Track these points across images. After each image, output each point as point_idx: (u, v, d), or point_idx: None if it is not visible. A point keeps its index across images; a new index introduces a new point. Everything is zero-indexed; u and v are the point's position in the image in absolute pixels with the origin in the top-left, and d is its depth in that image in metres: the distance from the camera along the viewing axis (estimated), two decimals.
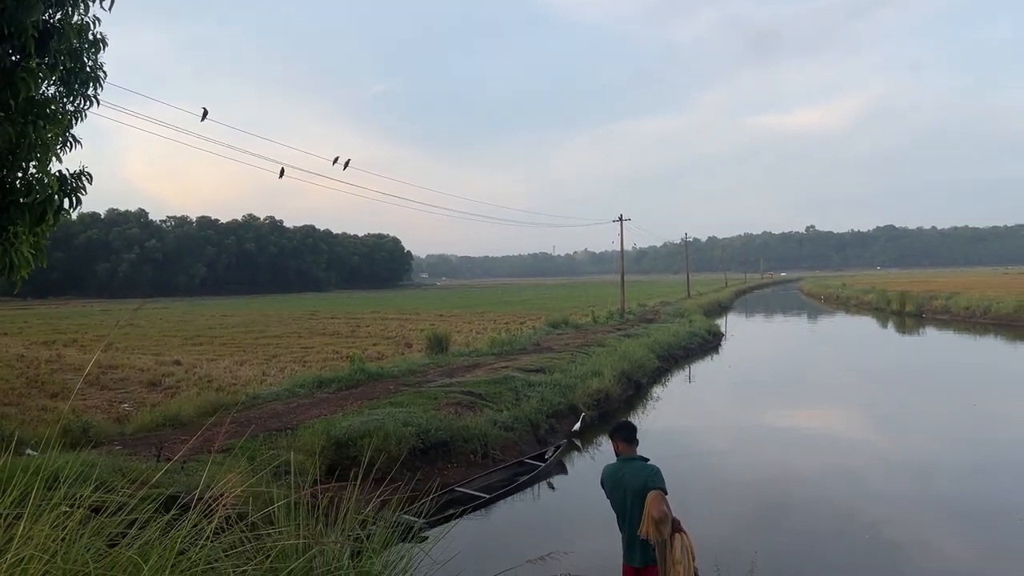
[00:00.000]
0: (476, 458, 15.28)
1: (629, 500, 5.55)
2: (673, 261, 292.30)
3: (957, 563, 10.10)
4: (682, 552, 5.22)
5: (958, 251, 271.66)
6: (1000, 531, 11.11)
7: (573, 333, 35.32)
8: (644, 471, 5.46)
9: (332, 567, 4.23)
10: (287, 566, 4.04)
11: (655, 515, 5.23)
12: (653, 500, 5.28)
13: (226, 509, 3.91)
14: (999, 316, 45.99)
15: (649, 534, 5.30)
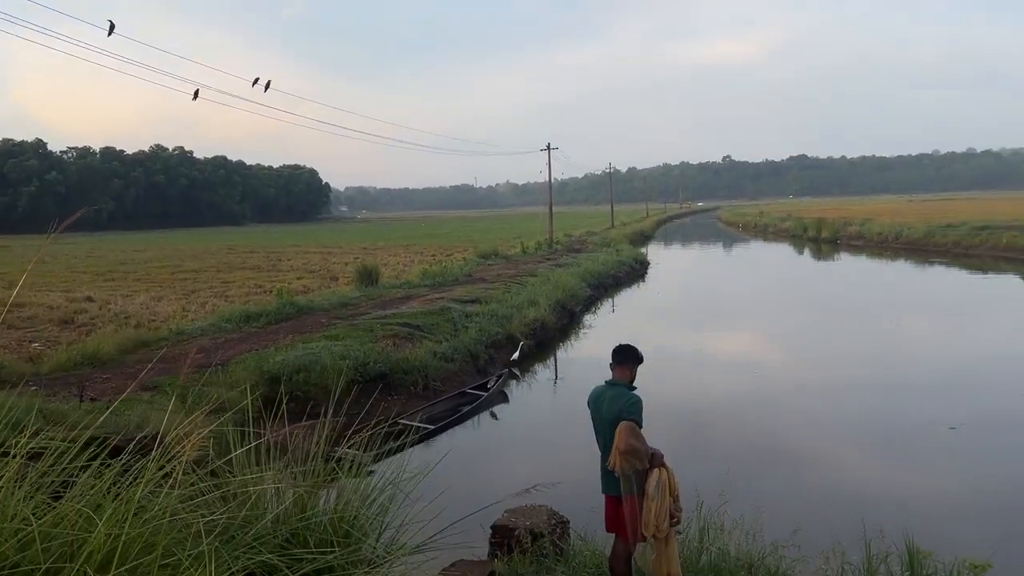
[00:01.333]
0: (417, 390, 14.94)
1: (603, 429, 5.27)
2: (594, 192, 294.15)
3: (866, 470, 10.40)
4: (656, 488, 4.97)
5: (866, 180, 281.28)
6: (908, 439, 11.50)
7: (504, 264, 35.03)
8: (621, 400, 5.15)
9: (309, 511, 3.81)
10: (257, 513, 3.61)
11: (621, 447, 4.96)
12: (621, 432, 5.00)
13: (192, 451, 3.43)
14: (910, 241, 47.89)
15: (616, 466, 5.03)
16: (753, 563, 5.50)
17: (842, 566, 5.65)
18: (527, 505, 6.74)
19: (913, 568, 5.37)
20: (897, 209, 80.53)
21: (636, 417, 5.05)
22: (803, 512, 8.10)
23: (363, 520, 4.09)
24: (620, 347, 5.44)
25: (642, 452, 5.02)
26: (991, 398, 13.97)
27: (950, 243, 44.18)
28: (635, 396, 5.17)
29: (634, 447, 4.96)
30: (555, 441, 12.90)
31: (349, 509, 4.06)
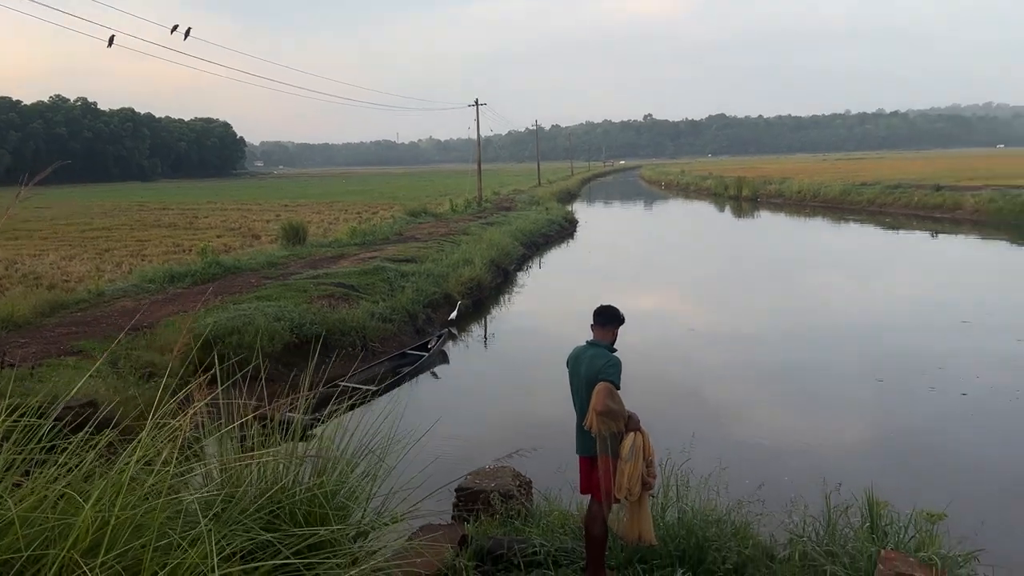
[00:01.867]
0: (356, 351, 14.65)
1: (579, 389, 5.21)
2: (518, 149, 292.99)
3: (804, 423, 10.79)
4: (630, 452, 4.95)
5: (782, 139, 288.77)
6: (843, 392, 11.98)
7: (434, 222, 34.62)
8: (599, 360, 5.08)
9: (294, 484, 3.63)
10: (246, 489, 3.41)
11: (597, 408, 4.91)
12: (598, 393, 4.95)
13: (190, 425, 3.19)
14: (827, 199, 49.47)
15: (592, 426, 5.00)
16: (720, 519, 5.57)
17: (804, 519, 5.78)
18: (490, 467, 6.69)
19: (873, 519, 5.54)
20: (813, 168, 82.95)
21: (614, 378, 4.98)
22: (762, 468, 8.31)
23: (350, 490, 3.94)
24: (602, 308, 5.35)
25: (619, 414, 4.97)
26: (911, 348, 14.59)
27: (865, 201, 45.83)
28: (614, 358, 5.11)
29: (611, 408, 4.91)
30: (499, 400, 12.92)
31: (331, 480, 3.89)
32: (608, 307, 5.34)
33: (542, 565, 5.29)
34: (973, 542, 5.48)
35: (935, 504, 5.78)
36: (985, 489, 8.44)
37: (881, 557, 5.15)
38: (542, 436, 10.57)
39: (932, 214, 39.85)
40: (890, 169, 69.43)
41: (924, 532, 5.37)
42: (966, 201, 38.56)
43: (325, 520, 3.53)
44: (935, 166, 72.69)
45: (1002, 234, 32.60)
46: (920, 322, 17.14)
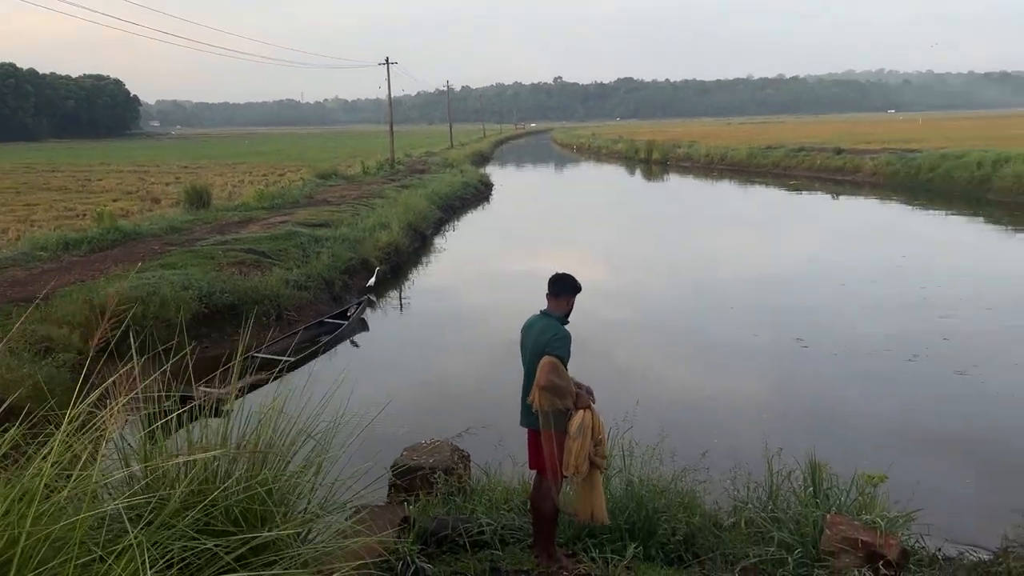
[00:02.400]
0: (270, 321, 14.05)
1: (527, 360, 4.97)
2: (428, 111, 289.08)
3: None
4: (578, 430, 4.76)
5: (688, 103, 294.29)
6: (768, 354, 12.24)
7: (345, 185, 33.63)
8: (547, 333, 4.84)
9: (228, 479, 3.26)
10: (173, 491, 3.03)
11: (540, 383, 4.69)
12: (542, 367, 4.73)
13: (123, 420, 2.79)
14: (734, 162, 50.63)
15: (535, 402, 4.78)
16: (667, 488, 5.49)
17: (748, 485, 5.77)
18: (427, 442, 6.43)
19: (815, 483, 5.56)
20: (719, 132, 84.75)
21: (560, 352, 4.75)
22: (703, 434, 8.31)
23: (289, 481, 3.59)
24: (556, 276, 5.09)
25: (564, 390, 4.75)
26: (821, 306, 15.01)
27: (770, 164, 47.10)
28: (563, 330, 4.86)
29: (555, 384, 4.69)
30: (423, 369, 12.60)
31: (269, 471, 3.53)
32: (562, 275, 5.08)
33: (489, 545, 5.09)
34: (911, 503, 5.58)
35: (863, 463, 5.89)
36: (915, 449, 8.70)
37: (827, 521, 5.17)
38: (473, 406, 10.39)
39: (834, 176, 41.27)
40: (792, 133, 71.52)
41: (866, 495, 5.42)
42: (865, 164, 40.08)
43: (266, 518, 3.20)
44: (834, 130, 75.37)
45: (898, 195, 34.07)
46: (829, 284, 17.62)
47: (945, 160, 35.48)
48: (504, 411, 9.94)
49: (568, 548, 5.13)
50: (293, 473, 3.60)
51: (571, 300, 5.03)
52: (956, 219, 27.60)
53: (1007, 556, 5.07)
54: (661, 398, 9.87)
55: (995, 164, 32.12)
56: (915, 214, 29.70)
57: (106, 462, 2.95)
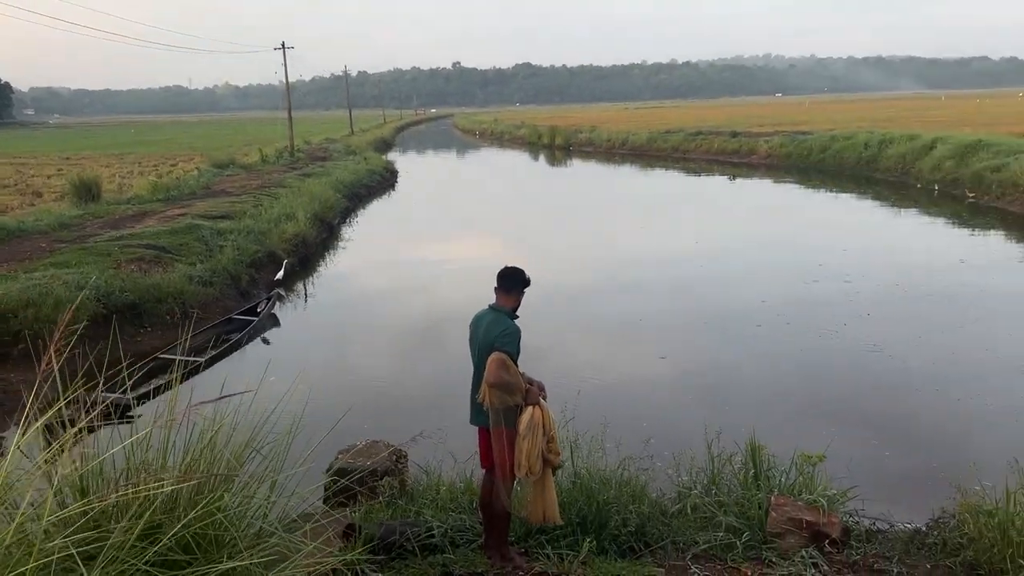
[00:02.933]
0: (175, 319, 13.36)
1: (476, 356, 4.81)
2: (324, 97, 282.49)
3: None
4: (528, 427, 4.64)
5: (585, 88, 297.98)
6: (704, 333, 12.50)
7: (245, 174, 32.38)
8: (496, 328, 4.69)
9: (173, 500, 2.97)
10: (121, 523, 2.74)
11: (490, 380, 4.56)
12: (491, 364, 4.59)
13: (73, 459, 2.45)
14: (635, 147, 51.53)
15: (485, 400, 4.64)
16: (615, 479, 5.44)
17: (691, 471, 5.80)
18: (363, 443, 6.18)
19: (756, 465, 5.64)
20: (617, 116, 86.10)
21: (509, 348, 4.61)
22: (644, 421, 8.33)
23: (239, 497, 3.33)
24: (505, 271, 4.93)
25: (514, 387, 4.62)
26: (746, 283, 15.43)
27: (670, 148, 48.17)
28: (512, 326, 4.72)
29: (504, 381, 4.55)
30: (342, 364, 12.23)
31: (216, 490, 3.25)
32: (512, 269, 4.92)
33: (439, 548, 4.92)
34: (845, 479, 5.74)
35: (792, 439, 6.02)
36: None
37: (772, 504, 5.24)
38: (399, 401, 10.17)
39: (731, 159, 42.57)
40: (688, 117, 73.39)
41: (805, 474, 5.53)
42: (760, 147, 41.50)
43: (220, 542, 2.94)
44: (727, 113, 77.76)
45: (791, 176, 35.43)
46: (738, 264, 18.11)
47: (834, 142, 37.12)
48: (434, 406, 9.81)
49: (521, 546, 5.02)
50: (244, 491, 3.34)
51: (520, 295, 4.89)
52: (848, 197, 28.85)
53: (940, 527, 5.26)
54: (597, 384, 9.85)
55: (880, 145, 33.83)
56: (810, 194, 30.96)
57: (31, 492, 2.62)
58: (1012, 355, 10.62)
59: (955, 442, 8.14)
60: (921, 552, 5.04)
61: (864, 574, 4.84)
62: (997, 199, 23.54)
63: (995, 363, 10.40)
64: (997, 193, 23.61)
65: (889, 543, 5.18)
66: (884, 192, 28.90)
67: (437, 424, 8.59)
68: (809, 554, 4.90)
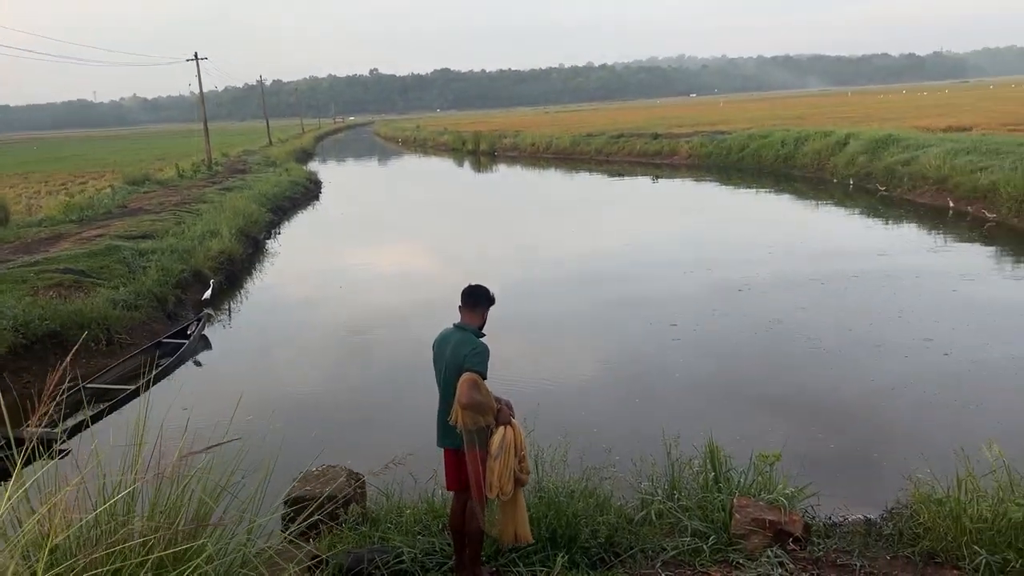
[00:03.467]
0: (101, 346, 12.82)
1: (443, 376, 4.74)
2: (238, 107, 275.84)
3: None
4: (499, 447, 4.60)
5: (504, 93, 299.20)
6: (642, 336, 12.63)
7: (162, 190, 31.31)
8: (466, 347, 4.62)
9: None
10: None
11: (462, 402, 4.49)
12: (462, 384, 4.53)
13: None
14: (559, 150, 51.96)
15: (458, 422, 4.57)
16: (573, 489, 5.43)
17: (652, 478, 5.84)
18: (318, 468, 6.01)
19: (716, 467, 5.71)
20: (538, 121, 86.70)
21: (480, 368, 4.54)
22: (601, 429, 8.34)
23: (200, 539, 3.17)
24: (469, 289, 4.85)
25: (486, 407, 4.55)
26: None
27: (593, 151, 48.74)
28: (481, 344, 4.65)
29: (476, 401, 4.48)
30: (281, 385, 11.90)
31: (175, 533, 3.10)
32: (476, 287, 4.86)
33: (409, 573, 4.82)
34: (799, 476, 5.87)
35: (743, 438, 6.14)
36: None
37: (735, 505, 5.31)
38: (347, 420, 9.95)
39: (653, 160, 43.33)
40: (607, 119, 74.43)
41: (764, 475, 5.63)
42: (681, 147, 42.38)
43: None
44: (646, 115, 79.18)
45: (713, 175, 36.30)
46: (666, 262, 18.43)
47: (752, 140, 38.20)
48: (382, 421, 9.64)
49: (492, 565, 4.96)
50: (215, 535, 3.19)
51: (486, 312, 4.83)
52: (769, 194, 29.71)
53: (894, 517, 5.43)
54: (556, 394, 9.83)
55: (797, 142, 34.98)
56: (733, 192, 31.77)
57: None
58: (942, 343, 11.07)
59: (897, 431, 8.41)
60: (879, 544, 5.18)
61: (828, 569, 4.96)
62: (909, 191, 24.62)
63: (926, 351, 10.83)
64: (908, 186, 24.70)
65: (848, 537, 5.32)
66: (802, 188, 29.89)
67: (388, 440, 8.47)
68: (775, 553, 4.99)
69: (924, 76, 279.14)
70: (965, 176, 22.01)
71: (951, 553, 4.81)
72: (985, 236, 18.51)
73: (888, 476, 6.85)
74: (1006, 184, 19.72)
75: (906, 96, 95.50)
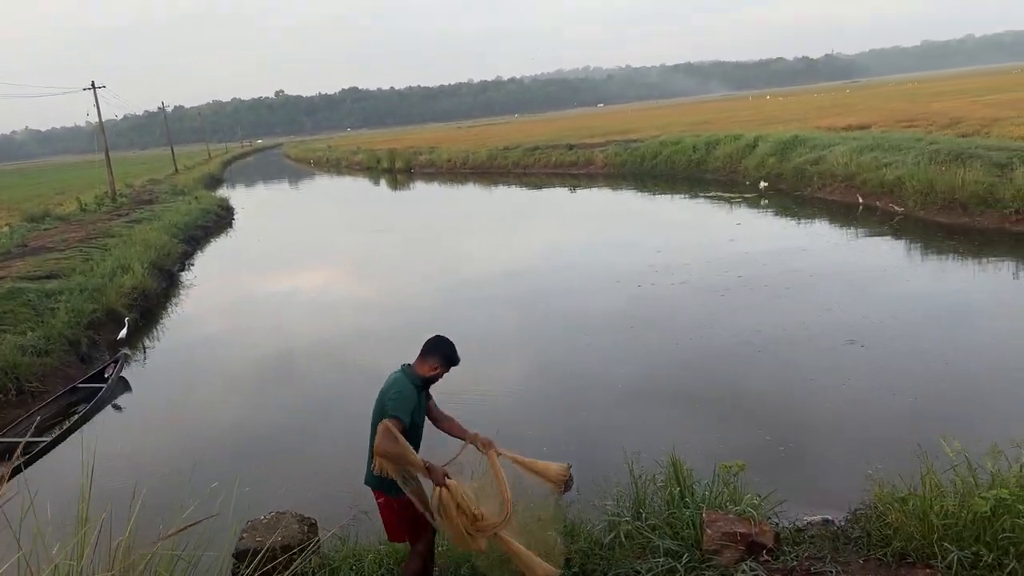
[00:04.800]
0: (11, 397, 11.98)
1: (373, 415, 4.53)
2: (139, 136, 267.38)
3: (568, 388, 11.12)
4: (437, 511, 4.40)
5: (415, 109, 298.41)
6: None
7: (64, 226, 29.74)
8: (391, 388, 4.42)
9: None
10: None
11: (376, 450, 4.30)
12: (378, 431, 4.33)
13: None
14: (476, 165, 51.90)
15: (382, 471, 4.37)
16: (539, 516, 5.24)
17: (616, 496, 5.71)
18: (267, 516, 5.65)
19: (681, 482, 5.61)
20: (452, 136, 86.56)
21: (398, 413, 4.31)
22: (563, 447, 8.14)
23: None
24: (431, 338, 4.71)
25: (401, 457, 4.30)
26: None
27: (511, 164, 48.85)
28: (407, 387, 4.44)
29: (390, 452, 4.25)
30: (206, 424, 11.33)
31: None
32: (432, 338, 4.71)
33: None
34: (763, 483, 5.83)
35: (695, 447, 6.09)
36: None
37: (705, 520, 5.22)
38: (286, 461, 9.48)
39: (570, 171, 43.70)
40: (521, 132, 74.86)
41: (730, 486, 5.56)
42: (596, 157, 42.88)
43: None
44: (558, 127, 79.99)
45: (629, 183, 36.88)
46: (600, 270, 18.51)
47: (664, 147, 38.95)
48: (326, 458, 9.23)
49: None
50: None
51: (436, 366, 4.64)
52: (683, 199, 30.28)
53: (860, 519, 5.44)
54: (510, 413, 9.61)
55: (707, 147, 35.85)
56: (649, 198, 32.31)
57: None
58: (873, 336, 11.35)
59: (847, 429, 8.50)
60: (849, 547, 5.17)
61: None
62: (819, 189, 25.48)
63: (855, 347, 11.07)
64: (819, 184, 25.55)
65: (817, 542, 5.29)
66: (716, 190, 30.57)
67: (332, 476, 8.11)
68: (749, 567, 4.92)
69: (818, 78, 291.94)
70: (872, 172, 22.90)
71: (922, 552, 4.82)
72: (896, 229, 19.26)
73: (842, 474, 6.91)
74: (911, 178, 20.58)
75: (804, 97, 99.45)
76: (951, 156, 20.90)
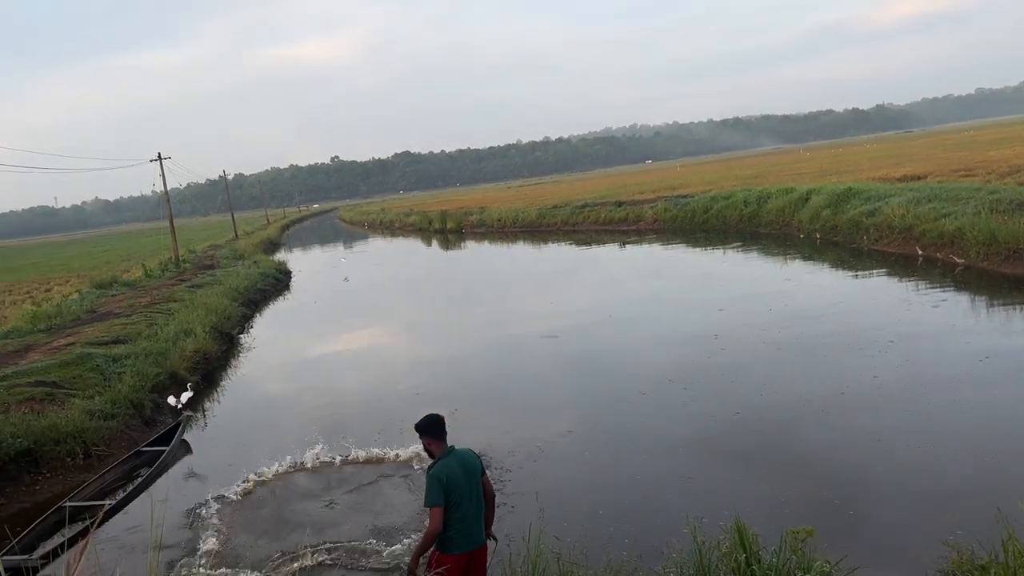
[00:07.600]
0: (77, 460, 12.30)
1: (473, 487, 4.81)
2: (201, 203, 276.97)
3: None
4: None
5: (465, 171, 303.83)
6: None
7: (131, 292, 30.82)
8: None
9: None
10: None
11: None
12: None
13: None
14: (526, 224, 52.43)
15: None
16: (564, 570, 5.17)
17: (678, 564, 5.57)
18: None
19: (747, 549, 5.46)
20: (501, 196, 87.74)
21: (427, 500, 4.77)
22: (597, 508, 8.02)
23: None
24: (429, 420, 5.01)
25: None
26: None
27: (560, 222, 49.23)
28: (431, 472, 4.83)
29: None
30: (270, 492, 11.42)
31: None
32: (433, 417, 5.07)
33: None
34: (831, 547, 5.64)
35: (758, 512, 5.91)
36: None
37: None
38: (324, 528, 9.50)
39: (619, 227, 43.83)
40: (569, 190, 75.53)
41: (799, 553, 5.38)
42: (646, 213, 42.97)
43: None
44: (607, 184, 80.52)
45: (679, 238, 36.74)
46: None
47: (715, 202, 38.86)
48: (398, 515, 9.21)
49: None
50: None
51: (428, 440, 4.97)
52: (736, 254, 29.99)
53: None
54: (560, 482, 9.50)
55: (759, 201, 35.64)
56: (701, 253, 32.08)
57: None
58: (941, 395, 10.98)
59: (918, 492, 8.17)
60: None
61: None
62: (875, 242, 25.02)
63: (921, 406, 10.72)
64: (875, 236, 25.11)
65: None
66: (770, 244, 30.27)
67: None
68: None
69: (870, 128, 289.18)
70: (930, 224, 22.44)
71: None
72: (958, 281, 18.76)
73: (915, 539, 6.63)
74: (972, 229, 20.10)
75: (852, 149, 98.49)
76: (1013, 205, 20.42)
